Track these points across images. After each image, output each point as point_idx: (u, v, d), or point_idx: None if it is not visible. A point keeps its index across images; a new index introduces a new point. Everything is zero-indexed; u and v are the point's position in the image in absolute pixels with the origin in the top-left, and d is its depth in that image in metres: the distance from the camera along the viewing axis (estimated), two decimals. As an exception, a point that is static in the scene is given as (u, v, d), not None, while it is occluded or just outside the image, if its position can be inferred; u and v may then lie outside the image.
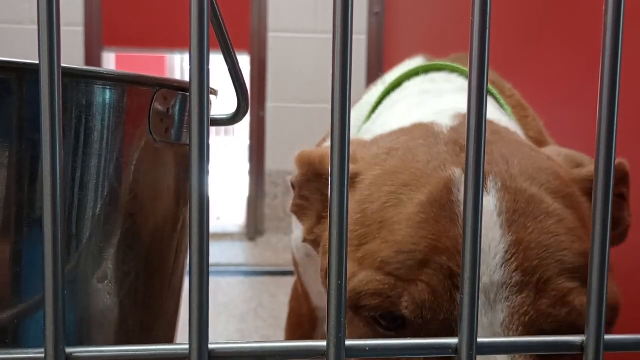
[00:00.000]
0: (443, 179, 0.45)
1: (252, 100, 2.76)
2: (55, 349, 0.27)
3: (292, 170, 0.59)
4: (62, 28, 0.25)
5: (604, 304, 0.29)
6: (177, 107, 0.41)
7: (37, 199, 0.35)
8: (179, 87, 0.40)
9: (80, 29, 2.64)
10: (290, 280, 2.03)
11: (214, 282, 1.96)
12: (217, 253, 2.42)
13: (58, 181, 0.26)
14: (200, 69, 0.27)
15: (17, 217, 0.34)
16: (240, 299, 1.86)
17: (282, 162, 2.73)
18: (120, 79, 0.36)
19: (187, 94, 0.40)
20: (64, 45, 0.26)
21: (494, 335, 0.41)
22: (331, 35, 0.27)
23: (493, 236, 0.42)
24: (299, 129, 2.70)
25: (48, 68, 0.25)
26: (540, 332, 0.41)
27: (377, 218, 0.45)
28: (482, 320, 0.41)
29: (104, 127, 0.36)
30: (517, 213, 0.43)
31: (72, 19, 2.60)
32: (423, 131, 0.53)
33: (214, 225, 2.87)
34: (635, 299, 0.91)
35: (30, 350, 0.28)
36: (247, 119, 2.95)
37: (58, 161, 0.26)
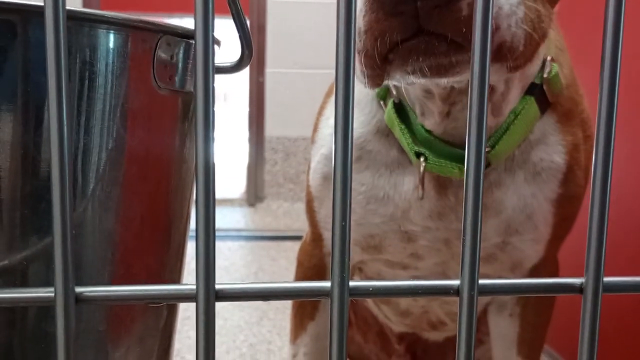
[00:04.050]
0: None
1: (251, 66, 2.73)
2: (64, 287, 0.28)
3: (291, 136, 0.58)
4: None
5: (604, 245, 0.30)
6: (181, 55, 0.41)
7: (43, 142, 0.35)
8: (182, 35, 0.40)
9: (77, -7, 2.61)
10: (289, 246, 2.04)
11: (214, 246, 1.98)
12: (218, 218, 2.42)
13: (65, 124, 0.26)
14: (205, 13, 0.27)
15: (24, 160, 0.34)
16: (241, 262, 1.88)
17: (282, 129, 2.72)
18: (123, 24, 0.36)
19: (191, 41, 0.40)
20: None
21: None
22: (331, 0, 0.26)
23: None
24: (299, 95, 2.69)
25: (52, 8, 0.25)
26: None
27: None
28: None
29: (109, 71, 0.36)
30: None
31: (68, -18, 2.57)
32: None
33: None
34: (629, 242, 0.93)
35: (40, 289, 0.29)
36: (246, 85, 2.92)
37: (64, 104, 0.26)
